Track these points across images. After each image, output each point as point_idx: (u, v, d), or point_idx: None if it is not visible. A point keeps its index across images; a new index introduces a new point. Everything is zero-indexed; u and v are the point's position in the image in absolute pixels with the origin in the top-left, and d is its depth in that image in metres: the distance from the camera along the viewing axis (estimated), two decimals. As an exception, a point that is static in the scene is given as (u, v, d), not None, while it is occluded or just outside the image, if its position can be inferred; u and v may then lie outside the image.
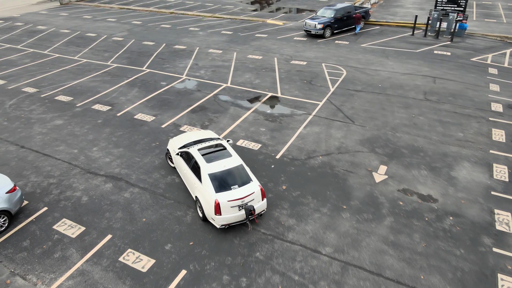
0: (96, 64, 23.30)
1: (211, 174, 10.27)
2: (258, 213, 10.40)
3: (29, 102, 18.24)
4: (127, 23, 33.45)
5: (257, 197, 10.22)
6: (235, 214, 9.97)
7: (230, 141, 12.44)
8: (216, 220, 9.96)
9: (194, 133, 13.10)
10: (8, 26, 33.11)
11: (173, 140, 12.93)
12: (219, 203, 9.76)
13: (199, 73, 21.46)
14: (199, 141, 12.30)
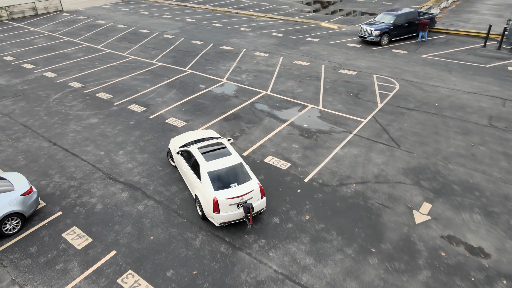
0: (142, 62, 23.43)
1: (210, 172, 10.33)
2: (257, 211, 10.38)
3: (72, 97, 18.62)
4: (180, 21, 33.64)
5: (256, 195, 10.22)
6: (233, 212, 10.00)
7: (231, 140, 12.43)
8: (215, 218, 9.99)
9: (195, 132, 13.20)
10: (71, 20, 34.83)
11: (175, 139, 12.93)
12: (217, 201, 9.80)
13: (240, 77, 20.63)
14: (200, 140, 12.27)
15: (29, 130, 15.65)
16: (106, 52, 25.41)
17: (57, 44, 27.33)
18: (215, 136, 12.62)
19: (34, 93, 19.12)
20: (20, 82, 20.52)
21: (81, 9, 39.29)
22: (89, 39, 28.40)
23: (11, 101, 18.35)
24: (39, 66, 22.94)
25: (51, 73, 21.75)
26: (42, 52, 25.55)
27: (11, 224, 10.32)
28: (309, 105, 17.33)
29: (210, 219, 10.29)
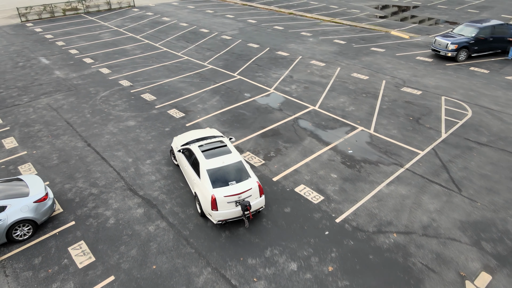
0: (194, 63, 23.02)
1: (209, 170, 10.39)
2: (256, 209, 10.41)
3: (118, 96, 18.68)
4: (242, 21, 32.95)
5: (255, 194, 10.25)
6: (231, 210, 10.03)
7: (232, 139, 12.52)
8: (213, 215, 10.04)
9: (198, 131, 13.25)
10: (139, 15, 35.90)
11: (177, 138, 13.03)
12: (215, 198, 9.85)
13: (290, 88, 19.21)
14: (202, 138, 12.36)
15: (69, 128, 15.83)
16: (162, 50, 25.48)
17: (120, 39, 28.11)
18: (218, 134, 12.79)
19: (85, 89, 19.53)
20: (76, 77, 21.19)
21: (151, 5, 40.47)
22: (150, 36, 28.84)
23: (63, 95, 18.91)
24: (98, 61, 23.61)
25: (106, 69, 22.20)
26: (104, 47, 26.39)
27: (22, 231, 10.15)
28: (359, 127, 15.41)
29: (209, 216, 10.34)
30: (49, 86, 19.96)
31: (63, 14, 35.57)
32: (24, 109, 17.43)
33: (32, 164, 13.43)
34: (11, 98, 18.60)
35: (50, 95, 18.86)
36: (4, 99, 18.50)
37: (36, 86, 20.00)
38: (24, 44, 27.07)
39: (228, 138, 12.35)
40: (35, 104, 17.92)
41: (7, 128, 15.87)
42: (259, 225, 10.59)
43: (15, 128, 15.88)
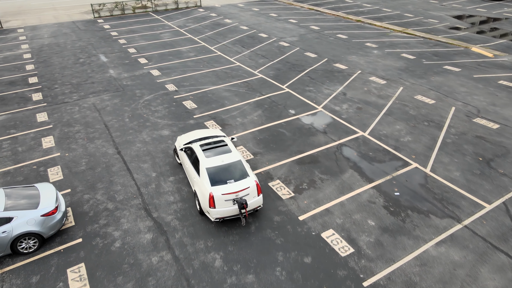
0: (244, 70, 22.04)
1: (209, 168, 10.62)
2: (254, 208, 10.54)
3: (160, 101, 18.31)
4: (304, 27, 31.33)
5: (253, 192, 10.40)
6: (229, 208, 10.21)
7: (234, 138, 12.81)
8: (211, 213, 10.22)
9: (201, 131, 13.40)
10: (203, 16, 35.93)
11: (181, 137, 13.25)
12: (213, 196, 10.04)
13: (340, 107, 17.35)
14: (204, 138, 12.55)
15: (106, 132, 15.69)
16: (216, 54, 24.88)
17: (178, 41, 28.13)
18: (220, 134, 13.00)
19: (131, 91, 19.50)
20: (127, 77, 21.34)
21: (217, 6, 40.43)
22: (207, 39, 28.50)
23: (110, 95, 19.03)
24: (151, 62, 23.68)
25: (157, 72, 22.11)
26: (161, 47, 26.53)
27: (27, 243, 9.85)
28: (413, 163, 13.20)
29: (207, 214, 10.54)
30: (100, 85, 20.29)
31: (133, 11, 36.85)
32: (71, 108, 17.77)
33: (60, 168, 13.36)
34: (63, 94, 19.15)
35: (98, 95, 19.10)
36: (56, 95, 19.10)
37: (88, 84, 20.44)
38: (90, 40, 28.24)
39: (230, 138, 12.69)
40: (82, 103, 18.21)
41: (50, 126, 16.19)
42: (271, 275, 9.19)
43: (57, 126, 16.14)
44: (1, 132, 15.75)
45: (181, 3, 41.00)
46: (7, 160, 13.84)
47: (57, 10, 39.16)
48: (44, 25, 32.80)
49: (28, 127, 16.10)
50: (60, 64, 23.31)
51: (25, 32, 30.57)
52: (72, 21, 33.98)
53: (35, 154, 14.21)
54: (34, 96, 18.95)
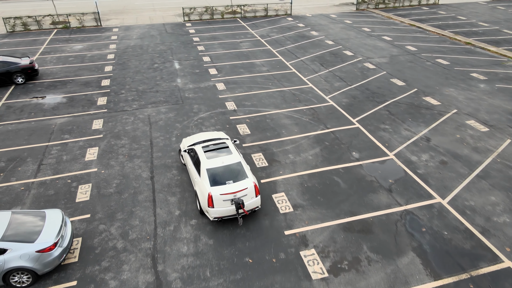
0: (315, 94, 19.66)
1: (209, 169, 10.94)
2: (251, 209, 10.83)
3: (214, 121, 17.00)
4: (398, 47, 27.51)
5: (251, 193, 10.66)
6: (227, 208, 10.51)
7: (237, 141, 12.98)
8: (210, 212, 10.54)
9: (205, 133, 13.77)
10: (289, 26, 34.11)
11: (186, 139, 13.70)
12: (212, 196, 10.36)
13: (418, 157, 14.04)
14: (208, 140, 12.83)
15: (148, 150, 14.85)
16: (289, 71, 22.88)
17: (255, 52, 26.77)
18: (223, 137, 13.32)
19: (190, 105, 18.59)
20: (191, 88, 20.58)
21: (307, 16, 38.27)
22: (286, 52, 26.61)
23: (167, 108, 18.37)
24: (220, 74, 22.66)
25: (222, 85, 20.95)
26: (235, 58, 25.44)
27: (20, 278, 9.14)
28: (506, 260, 9.64)
29: (206, 213, 10.88)
30: (162, 94, 19.82)
31: (221, 17, 36.72)
32: (127, 118, 17.46)
33: (91, 187, 12.77)
34: (125, 102, 19.06)
35: (156, 106, 18.58)
36: (119, 101, 19.09)
37: (152, 92, 20.15)
38: (171, 45, 28.48)
39: (232, 141, 13.01)
40: (138, 113, 17.82)
41: (101, 136, 15.96)
42: None
43: (106, 137, 15.84)
44: (57, 135, 15.97)
45: (271, 10, 39.78)
46: (48, 169, 13.77)
47: (155, 11, 41.01)
48: (137, 25, 34.34)
49: (81, 133, 16.09)
50: (135, 68, 23.63)
51: (118, 32, 32.24)
52: (162, 23, 35.03)
53: (75, 165, 13.93)
54: (99, 100, 19.20)
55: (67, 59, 25.30)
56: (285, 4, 40.10)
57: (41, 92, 20.16)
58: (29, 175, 13.44)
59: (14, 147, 15.17)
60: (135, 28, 33.46)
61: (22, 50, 27.04)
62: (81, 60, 25.03)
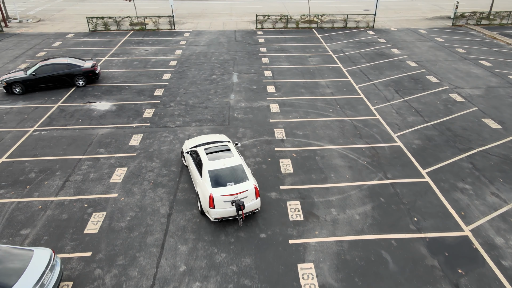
0: (381, 129, 16.64)
1: (211, 170, 11.15)
2: (251, 210, 11.07)
3: (256, 151, 15.05)
4: (498, 76, 22.80)
5: (251, 195, 10.90)
6: (227, 209, 10.72)
7: (238, 144, 13.28)
8: (210, 213, 10.75)
9: (207, 136, 13.93)
10: (368, 41, 30.70)
11: (188, 141, 13.88)
12: (213, 197, 10.58)
13: (505, 240, 10.53)
14: (210, 143, 13.03)
15: (175, 179, 13.45)
16: (356, 97, 19.99)
17: (322, 69, 24.21)
18: (225, 140, 13.48)
19: (235, 128, 16.90)
20: (242, 107, 18.88)
21: (392, 30, 34.32)
22: (357, 72, 23.61)
23: (211, 128, 16.89)
24: (278, 93, 20.62)
25: (276, 107, 18.90)
26: (299, 75, 23.16)
27: (-9, 327, 8.16)
28: None
29: (207, 214, 11.05)
30: (210, 112, 18.44)
31: (296, 26, 34.59)
32: (166, 136, 16.35)
33: (104, 217, 11.69)
34: (170, 116, 18.04)
35: (200, 125, 17.23)
36: (164, 115, 18.14)
37: (201, 108, 18.89)
38: (236, 54, 27.19)
39: (234, 144, 13.26)
40: (179, 132, 16.61)
41: (134, 154, 15.01)
42: None
43: (139, 157, 14.84)
44: (93, 148, 15.41)
45: (351, 21, 36.55)
46: (71, 187, 13.07)
47: (231, 16, 40.38)
48: (209, 31, 33.81)
49: (116, 149, 15.32)
50: (192, 78, 22.70)
51: (189, 37, 31.98)
52: (234, 30, 34.04)
53: (98, 187, 13.06)
54: (146, 112, 18.46)
55: (132, 63, 25.38)
56: (368, 15, 36.53)
57: (96, 97, 20.13)
58: (51, 192, 12.86)
59: (51, 156, 14.89)
60: (206, 33, 32.94)
61: (95, 51, 27.95)
62: (144, 65, 24.89)
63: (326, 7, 43.44)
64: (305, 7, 43.06)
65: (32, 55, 26.97)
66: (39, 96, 20.30)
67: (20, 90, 20.35)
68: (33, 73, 20.35)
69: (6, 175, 13.76)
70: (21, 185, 13.20)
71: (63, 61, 21.00)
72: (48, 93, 20.69)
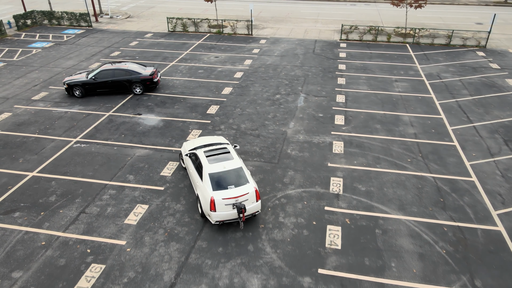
0: (475, 200, 12.39)
1: (211, 173, 11.13)
2: (252, 213, 11.06)
3: (300, 209, 12.10)
4: None
5: (251, 198, 10.91)
6: (228, 212, 10.75)
7: (237, 146, 13.24)
8: (212, 216, 10.77)
9: (205, 138, 13.99)
10: (475, 65, 25.09)
11: (187, 143, 13.81)
12: (214, 200, 10.59)
13: None
14: (209, 145, 13.14)
15: (196, 232, 11.18)
16: (447, 144, 15.64)
17: (409, 99, 19.95)
18: (224, 142, 13.53)
19: (284, 170, 14.09)
20: (300, 141, 15.94)
21: (510, 52, 27.88)
22: (454, 108, 18.89)
23: (255, 166, 14.32)
24: (347, 126, 17.20)
25: (341, 147, 15.59)
26: (377, 104, 19.32)
27: None
28: None
29: (208, 217, 11.09)
30: (261, 142, 15.88)
31: (387, 40, 30.07)
32: (203, 168, 14.23)
33: (100, 272, 9.90)
34: (216, 142, 15.93)
35: (245, 159, 14.78)
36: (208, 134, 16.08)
37: (252, 136, 16.43)
38: (309, 70, 24.14)
39: (233, 146, 13.19)
40: (219, 165, 14.38)
41: (161, 188, 13.14)
42: None
43: (166, 192, 12.92)
44: (123, 173, 13.94)
45: (457, 38, 30.70)
46: (83, 222, 11.63)
47: (316, 22, 37.15)
48: (287, 39, 31.13)
49: (145, 178, 13.64)
50: (253, 96, 20.34)
51: (264, 44, 29.69)
52: (315, 40, 30.84)
53: (109, 228, 11.41)
54: (191, 134, 16.59)
55: (197, 71, 23.94)
56: (481, 31, 30.32)
57: (148, 109, 18.93)
58: (62, 224, 11.56)
59: (79, 177, 13.77)
60: (283, 42, 30.32)
61: (166, 54, 27.22)
62: (208, 75, 23.25)
63: (428, 18, 37.65)
64: (402, 17, 37.84)
65: (107, 54, 27.21)
66: (96, 102, 19.79)
67: (80, 93, 20.08)
68: (93, 77, 19.91)
69: (29, 194, 12.91)
70: (37, 210, 12.17)
71: (123, 67, 20.22)
72: (105, 99, 20.11)
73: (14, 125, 17.46)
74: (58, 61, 25.85)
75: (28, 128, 17.18)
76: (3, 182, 13.55)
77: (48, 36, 31.70)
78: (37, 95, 20.52)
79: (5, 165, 14.53)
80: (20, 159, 14.90)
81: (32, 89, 21.30)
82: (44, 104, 19.53)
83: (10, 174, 14.01)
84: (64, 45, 29.30)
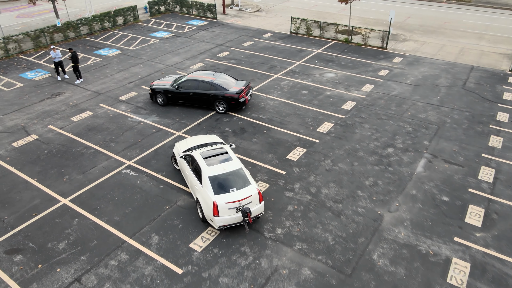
0: None
1: (211, 176, 10.67)
2: (255, 215, 10.71)
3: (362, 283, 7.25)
4: None
5: (255, 200, 10.58)
6: (232, 216, 10.33)
7: (233, 145, 12.79)
8: (215, 221, 10.35)
9: (199, 137, 13.39)
10: None
11: (179, 143, 13.19)
12: (217, 204, 10.14)
13: None
14: (203, 145, 12.56)
15: None
16: None
17: None
18: (218, 141, 12.98)
19: None
20: (399, 242, 10.59)
21: None
22: None
23: (313, 276, 9.76)
24: (484, 233, 10.93)
25: (465, 273, 9.69)
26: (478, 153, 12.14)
27: None
28: None
29: (210, 222, 10.65)
30: (339, 228, 11.08)
31: None
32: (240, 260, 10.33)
33: None
34: (276, 216, 11.74)
35: (301, 260, 10.31)
36: (269, 208, 11.97)
37: (328, 213, 11.70)
38: (448, 114, 17.38)
39: (229, 145, 12.58)
40: (264, 258, 10.27)
41: (180, 271, 9.76)
42: None
43: (182, 281, 9.53)
44: (152, 229, 11.08)
45: None
46: (69, 298, 9.15)
47: (480, 39, 28.35)
48: (431, 60, 24.02)
49: (168, 247, 10.48)
50: (356, 143, 15.21)
51: (397, 64, 23.40)
52: (471, 66, 23.00)
53: (91, 319, 8.64)
54: (254, 188, 12.80)
55: (299, 91, 19.72)
56: None
57: (223, 136, 15.79)
58: (48, 293, 9.31)
59: (103, 220, 11.47)
60: (425, 63, 23.44)
61: (274, 62, 23.61)
62: (310, 99, 18.83)
63: None
64: None
65: (215, 53, 25.07)
66: (174, 114, 17.57)
67: (162, 101, 18.14)
68: (176, 86, 17.66)
69: (45, 231, 11.14)
70: (39, 259, 10.22)
71: (209, 79, 17.39)
72: (185, 112, 17.73)
73: (86, 129, 16.42)
74: (165, 56, 24.80)
75: (96, 136, 15.88)
76: (33, 205, 12.17)
77: (172, 26, 31.39)
78: (126, 95, 19.42)
79: (49, 181, 13.24)
80: (66, 176, 13.46)
81: (125, 87, 20.37)
82: (125, 107, 18.21)
83: (46, 195, 12.59)
84: (180, 38, 28.37)
